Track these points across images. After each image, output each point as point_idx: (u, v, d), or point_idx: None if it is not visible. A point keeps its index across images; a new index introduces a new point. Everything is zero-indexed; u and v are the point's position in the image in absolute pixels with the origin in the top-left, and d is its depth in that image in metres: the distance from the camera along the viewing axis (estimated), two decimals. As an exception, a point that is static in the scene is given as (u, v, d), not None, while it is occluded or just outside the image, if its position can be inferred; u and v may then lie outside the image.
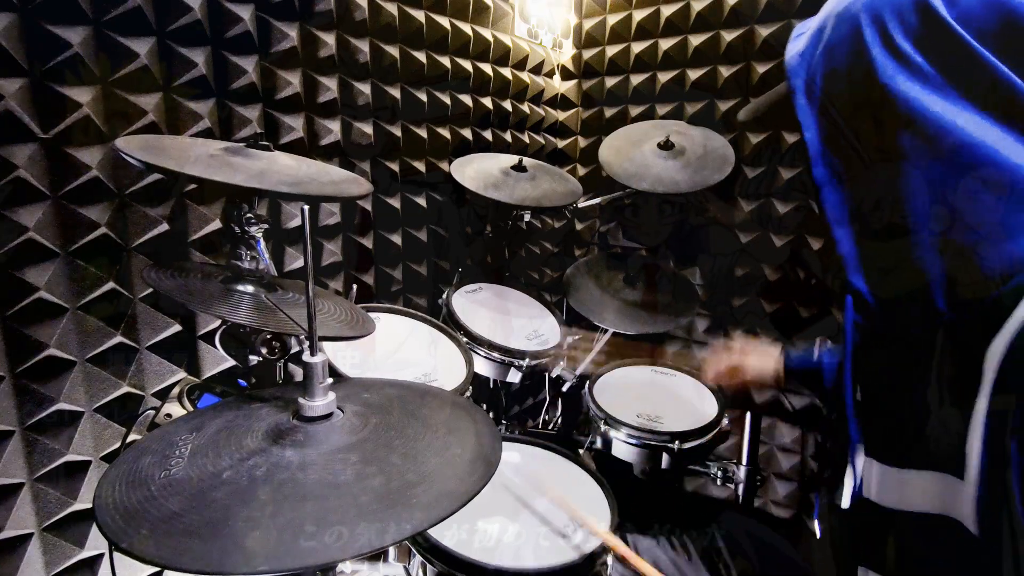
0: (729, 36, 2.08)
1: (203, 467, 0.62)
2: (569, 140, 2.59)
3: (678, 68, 2.22)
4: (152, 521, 0.54)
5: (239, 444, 0.66)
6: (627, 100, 2.39)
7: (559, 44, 2.44)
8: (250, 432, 0.68)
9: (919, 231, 0.62)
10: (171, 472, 0.61)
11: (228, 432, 0.69)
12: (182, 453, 0.65)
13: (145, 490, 0.58)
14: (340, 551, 0.51)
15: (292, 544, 0.51)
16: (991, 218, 0.58)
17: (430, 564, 0.99)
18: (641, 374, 1.88)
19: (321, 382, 0.69)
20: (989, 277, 0.59)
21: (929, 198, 0.61)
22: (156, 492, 0.58)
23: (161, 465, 0.63)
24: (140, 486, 0.59)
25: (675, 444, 1.52)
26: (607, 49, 2.40)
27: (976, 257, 0.60)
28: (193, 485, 0.59)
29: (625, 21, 2.32)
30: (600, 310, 1.80)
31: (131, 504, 0.57)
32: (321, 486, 0.59)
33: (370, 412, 0.74)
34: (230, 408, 0.78)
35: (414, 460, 0.66)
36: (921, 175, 0.61)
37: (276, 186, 0.85)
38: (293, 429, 0.68)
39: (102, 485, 0.60)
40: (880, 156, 0.63)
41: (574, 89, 2.53)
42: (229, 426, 0.71)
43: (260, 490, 0.58)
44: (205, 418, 0.74)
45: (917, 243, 0.63)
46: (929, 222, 0.62)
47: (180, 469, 0.61)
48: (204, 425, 0.72)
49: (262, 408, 0.75)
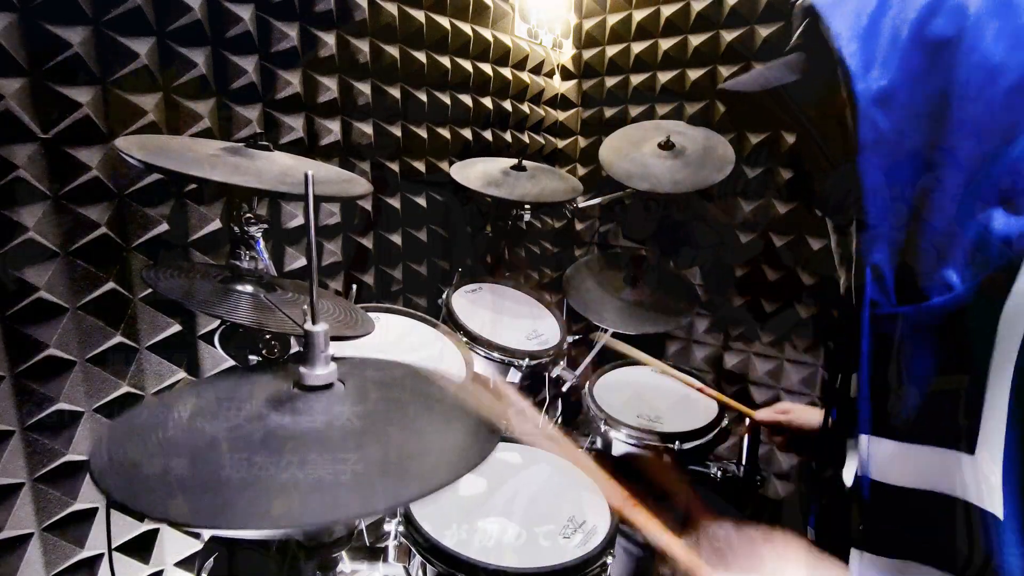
0: (729, 36, 2.08)
1: (201, 429, 0.62)
2: (569, 140, 2.59)
3: (678, 68, 2.22)
4: (147, 477, 0.54)
5: (238, 409, 0.65)
6: (627, 100, 2.39)
7: (559, 44, 2.44)
8: (250, 398, 0.68)
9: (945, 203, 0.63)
10: (168, 432, 0.61)
11: (228, 397, 0.68)
12: (181, 416, 0.64)
13: (141, 447, 0.58)
14: (335, 513, 0.51)
15: (284, 505, 0.51)
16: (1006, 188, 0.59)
17: (430, 564, 0.99)
18: (641, 374, 1.88)
19: (323, 351, 0.68)
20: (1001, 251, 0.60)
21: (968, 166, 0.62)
22: (152, 449, 0.58)
23: (159, 426, 0.62)
24: (137, 443, 0.59)
25: (675, 444, 1.52)
26: (607, 49, 2.40)
27: (989, 229, 0.60)
28: (189, 445, 0.59)
29: (625, 21, 2.32)
30: (600, 310, 1.80)
31: (126, 458, 0.56)
32: (318, 452, 0.58)
33: (371, 387, 0.74)
34: (230, 376, 0.77)
35: (413, 433, 0.65)
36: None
37: (276, 186, 0.85)
38: (293, 397, 0.67)
39: (98, 440, 0.59)
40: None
41: (574, 89, 2.53)
42: (229, 392, 0.70)
43: (256, 453, 0.57)
44: (204, 385, 0.74)
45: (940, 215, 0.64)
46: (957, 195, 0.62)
47: (178, 431, 0.61)
48: (205, 391, 0.72)
49: (263, 376, 0.74)
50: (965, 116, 0.61)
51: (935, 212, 0.65)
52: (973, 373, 0.61)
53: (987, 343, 0.59)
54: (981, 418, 0.60)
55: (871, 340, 0.72)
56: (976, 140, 0.62)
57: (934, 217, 0.65)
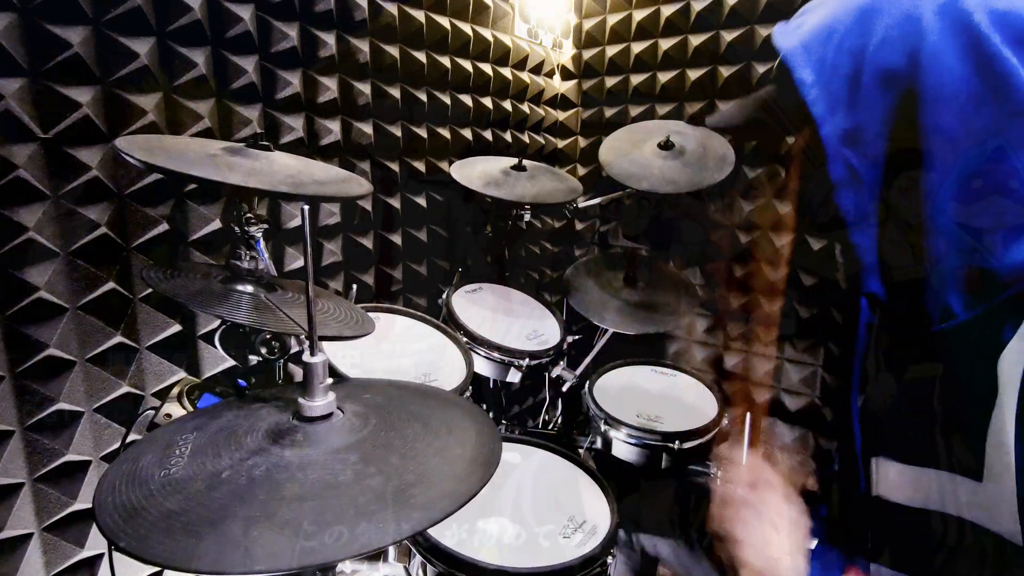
0: (729, 36, 2.08)
1: (203, 466, 0.62)
2: (569, 140, 2.59)
3: (678, 68, 2.22)
4: (151, 520, 0.54)
5: (239, 444, 0.66)
6: (627, 100, 2.39)
7: (559, 44, 2.44)
8: (250, 432, 0.68)
9: (939, 232, 0.62)
10: (171, 472, 0.61)
11: (228, 432, 0.69)
12: (182, 452, 0.65)
13: (144, 489, 0.58)
14: (339, 551, 0.51)
15: (291, 544, 0.51)
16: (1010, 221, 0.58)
17: (430, 564, 0.99)
18: (641, 374, 1.88)
19: (321, 382, 0.69)
20: (1002, 280, 0.59)
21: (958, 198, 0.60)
22: (155, 491, 0.58)
23: (161, 464, 0.63)
24: (140, 485, 0.59)
25: (675, 444, 1.52)
26: (607, 49, 2.40)
27: (993, 259, 0.60)
28: (192, 484, 0.59)
29: (625, 21, 2.32)
30: (600, 310, 1.80)
31: (130, 503, 0.57)
32: (320, 486, 0.59)
33: (370, 412, 0.74)
34: (230, 408, 0.78)
35: (414, 460, 0.66)
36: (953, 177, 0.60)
37: (276, 186, 0.85)
38: (293, 429, 0.68)
39: (102, 484, 0.60)
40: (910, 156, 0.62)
41: (574, 89, 2.53)
42: (229, 426, 0.71)
43: (259, 490, 0.58)
44: (205, 418, 0.74)
45: (936, 244, 0.63)
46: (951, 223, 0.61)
47: (180, 468, 0.62)
48: (204, 425, 0.72)
49: (262, 408, 0.75)
50: (937, 141, 0.60)
51: (928, 241, 0.64)
52: (975, 399, 0.60)
53: (990, 368, 0.59)
54: (986, 446, 0.59)
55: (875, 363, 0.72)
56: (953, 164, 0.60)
57: (927, 245, 0.64)
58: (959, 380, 0.64)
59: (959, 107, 0.58)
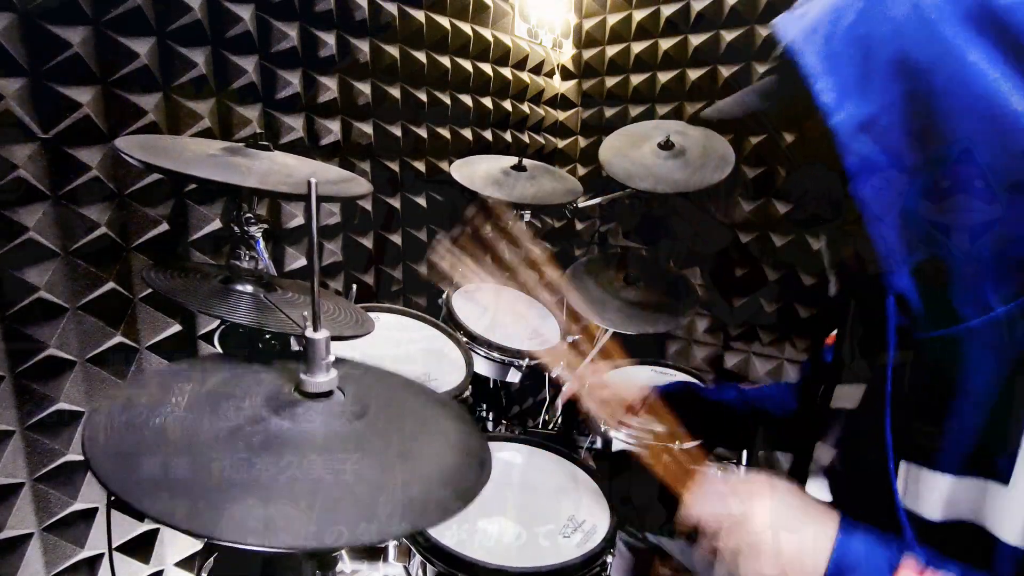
0: (729, 36, 2.08)
1: (199, 423, 0.60)
2: (569, 140, 2.59)
3: (678, 68, 2.22)
4: (144, 469, 0.53)
5: (238, 406, 0.64)
6: (627, 100, 2.39)
7: (559, 44, 2.44)
8: (249, 395, 0.66)
9: (972, 220, 0.59)
10: (165, 419, 0.59)
11: (226, 391, 0.67)
12: (178, 402, 0.63)
13: (138, 434, 0.57)
14: (336, 537, 0.51)
15: (284, 523, 0.50)
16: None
17: (430, 564, 0.99)
18: (641, 374, 1.88)
19: (324, 358, 0.68)
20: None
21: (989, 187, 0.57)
22: (149, 438, 0.56)
23: (155, 411, 0.60)
24: (133, 429, 0.57)
25: (675, 443, 1.52)
26: (607, 49, 2.40)
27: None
28: (188, 440, 0.57)
29: (625, 21, 2.32)
30: (600, 310, 1.80)
31: (123, 446, 0.55)
32: (318, 469, 0.58)
33: (371, 397, 0.73)
34: (229, 365, 0.75)
35: (412, 458, 0.65)
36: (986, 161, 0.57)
37: (276, 186, 0.85)
38: (293, 402, 0.66)
39: (93, 421, 0.58)
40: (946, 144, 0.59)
41: (574, 89, 2.53)
42: (228, 384, 0.69)
43: (257, 459, 0.56)
44: (203, 370, 0.73)
45: (970, 233, 0.60)
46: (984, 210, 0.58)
47: (175, 419, 0.60)
48: (202, 377, 0.70)
49: (262, 372, 0.73)
50: (957, 129, 0.58)
51: (958, 230, 0.60)
52: (1013, 397, 0.58)
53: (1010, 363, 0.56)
54: (1021, 446, 0.57)
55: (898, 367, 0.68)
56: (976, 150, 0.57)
57: (957, 235, 0.60)
58: (991, 380, 0.61)
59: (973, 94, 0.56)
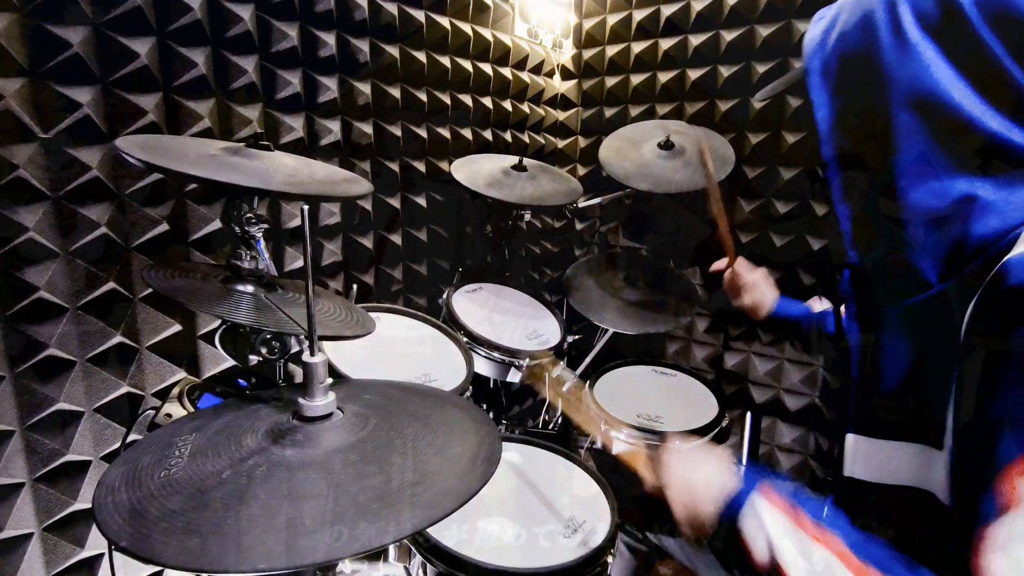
0: (729, 36, 2.08)
1: (202, 467, 0.62)
2: (569, 140, 2.59)
3: (678, 68, 2.22)
4: (152, 520, 0.54)
5: (239, 444, 0.66)
6: (627, 100, 2.39)
7: (559, 44, 2.44)
8: (250, 432, 0.68)
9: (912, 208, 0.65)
10: (171, 472, 0.61)
11: (228, 432, 0.69)
12: (182, 453, 0.65)
13: (144, 489, 0.58)
14: (339, 550, 0.51)
15: (291, 543, 0.51)
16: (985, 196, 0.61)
17: (430, 564, 0.99)
18: (641, 374, 1.88)
19: (321, 382, 0.69)
20: (975, 247, 0.61)
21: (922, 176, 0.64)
22: (155, 491, 0.58)
23: (161, 465, 0.63)
24: (139, 485, 0.59)
25: (675, 444, 1.52)
26: (607, 49, 2.40)
27: (965, 231, 0.62)
28: (192, 484, 0.59)
29: (625, 21, 2.32)
30: (600, 310, 1.80)
31: (130, 503, 0.56)
32: (321, 485, 0.59)
33: (370, 412, 0.74)
34: (230, 408, 0.78)
35: (414, 459, 0.66)
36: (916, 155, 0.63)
37: (276, 186, 0.85)
38: (293, 429, 0.68)
39: (102, 484, 0.60)
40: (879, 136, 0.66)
41: (574, 89, 2.53)
42: (229, 426, 0.71)
43: (260, 489, 0.58)
44: (205, 418, 0.74)
45: (910, 220, 0.66)
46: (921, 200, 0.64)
47: (180, 469, 0.62)
48: (204, 426, 0.72)
49: (262, 408, 0.75)
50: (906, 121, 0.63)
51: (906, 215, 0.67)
52: (943, 368, 0.63)
53: (956, 337, 0.61)
54: (948, 412, 0.62)
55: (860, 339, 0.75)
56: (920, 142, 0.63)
57: (911, 217, 0.67)
58: (929, 353, 0.67)
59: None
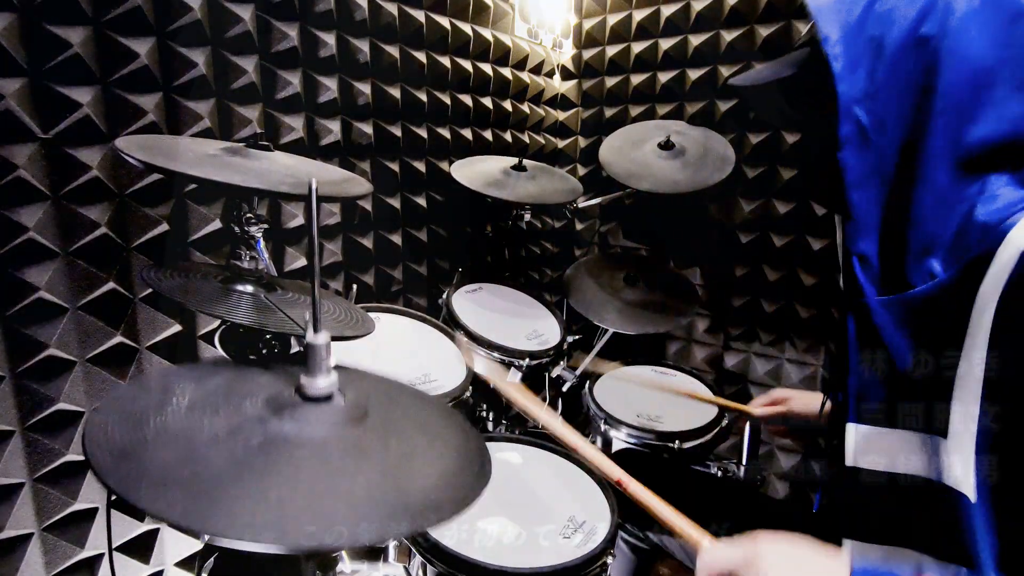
0: (729, 36, 2.08)
1: (199, 421, 0.60)
2: (569, 140, 2.59)
3: (678, 68, 2.22)
4: (144, 467, 0.53)
5: (238, 407, 0.64)
6: (627, 100, 2.39)
7: (559, 44, 2.44)
8: (250, 397, 0.67)
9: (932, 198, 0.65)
10: (166, 418, 0.60)
11: (227, 392, 0.67)
12: (179, 403, 0.63)
13: (139, 432, 0.57)
14: (330, 538, 0.51)
15: (282, 522, 0.50)
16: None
17: (430, 564, 0.99)
18: (641, 374, 1.88)
19: (324, 361, 0.68)
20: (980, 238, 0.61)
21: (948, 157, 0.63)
22: (150, 437, 0.56)
23: (156, 410, 0.61)
24: (134, 427, 0.58)
25: (675, 444, 1.52)
26: (607, 49, 2.40)
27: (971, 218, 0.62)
28: (188, 439, 0.58)
29: (625, 21, 2.32)
30: (600, 310, 1.80)
31: (123, 444, 0.55)
32: (317, 470, 0.58)
33: (371, 403, 0.74)
34: (231, 368, 0.76)
35: (411, 456, 0.65)
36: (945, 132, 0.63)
37: (276, 186, 0.85)
38: (293, 404, 0.67)
39: (94, 420, 0.58)
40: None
41: (574, 89, 2.53)
42: (229, 385, 0.69)
43: (255, 460, 0.56)
44: (204, 371, 0.73)
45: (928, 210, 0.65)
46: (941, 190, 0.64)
47: (176, 419, 0.60)
48: (202, 378, 0.70)
49: (263, 375, 0.73)
50: (945, 109, 0.63)
51: (920, 203, 0.66)
52: (948, 358, 0.63)
53: (961, 328, 0.61)
54: (952, 401, 0.62)
55: (857, 330, 0.74)
56: (954, 133, 0.63)
57: (920, 208, 0.67)
58: (936, 338, 0.66)
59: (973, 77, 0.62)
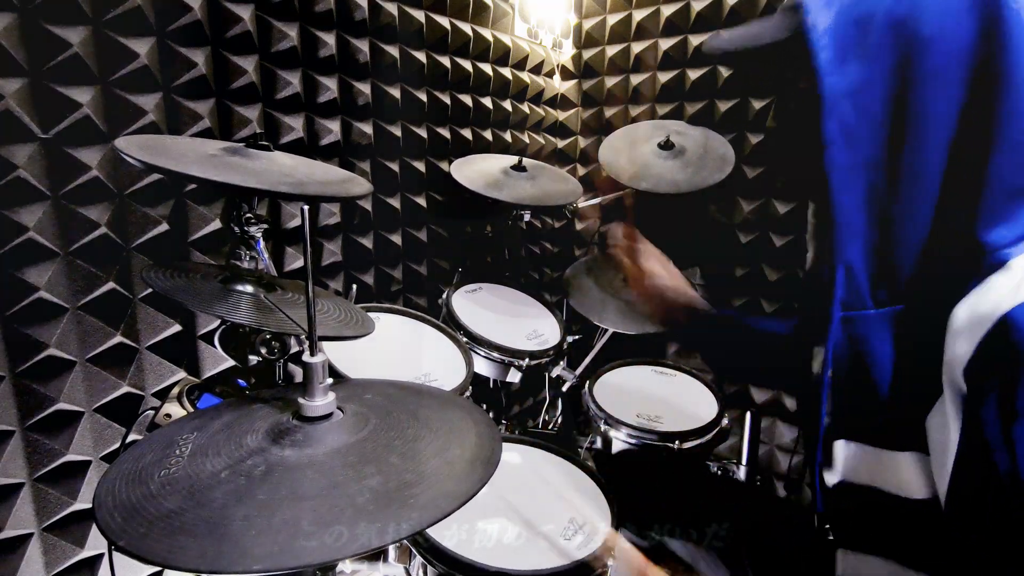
0: (729, 36, 2.08)
1: (202, 466, 0.62)
2: (569, 140, 2.59)
3: (678, 68, 2.22)
4: (150, 519, 0.54)
5: (239, 443, 0.66)
6: (627, 100, 2.39)
7: (559, 44, 2.44)
8: (250, 432, 0.68)
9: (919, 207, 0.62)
10: (171, 471, 0.61)
11: (228, 432, 0.69)
12: (182, 452, 0.65)
13: (144, 488, 0.58)
14: (338, 550, 0.51)
15: (290, 543, 0.51)
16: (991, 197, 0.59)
17: (430, 565, 0.99)
18: (641, 374, 1.88)
19: (321, 382, 0.69)
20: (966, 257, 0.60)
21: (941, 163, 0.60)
22: (155, 491, 0.58)
23: (161, 464, 0.63)
24: (139, 485, 0.59)
25: (675, 444, 1.52)
26: (607, 49, 2.40)
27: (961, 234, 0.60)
28: (192, 484, 0.59)
29: (625, 21, 2.32)
30: (600, 310, 1.80)
31: (130, 503, 0.56)
32: (320, 486, 0.59)
33: (370, 412, 0.74)
34: (231, 408, 0.78)
35: (413, 460, 0.66)
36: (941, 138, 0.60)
37: (276, 186, 0.85)
38: (293, 429, 0.68)
39: (102, 484, 0.60)
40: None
41: (574, 89, 2.53)
42: (230, 426, 0.71)
43: (259, 489, 0.57)
44: (206, 418, 0.74)
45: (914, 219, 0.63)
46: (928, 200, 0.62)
47: (180, 468, 0.61)
48: (205, 425, 0.72)
49: (262, 408, 0.75)
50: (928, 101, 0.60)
51: (912, 215, 0.63)
52: (928, 376, 0.61)
53: (939, 346, 0.59)
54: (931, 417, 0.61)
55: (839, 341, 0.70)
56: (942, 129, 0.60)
57: (912, 218, 0.63)
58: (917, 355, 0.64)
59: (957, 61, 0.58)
